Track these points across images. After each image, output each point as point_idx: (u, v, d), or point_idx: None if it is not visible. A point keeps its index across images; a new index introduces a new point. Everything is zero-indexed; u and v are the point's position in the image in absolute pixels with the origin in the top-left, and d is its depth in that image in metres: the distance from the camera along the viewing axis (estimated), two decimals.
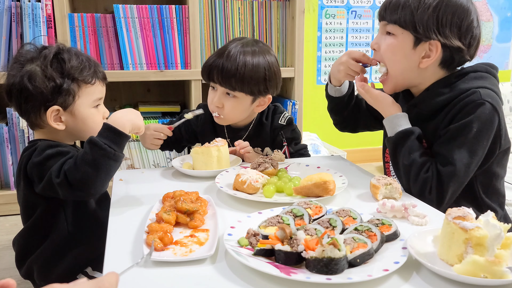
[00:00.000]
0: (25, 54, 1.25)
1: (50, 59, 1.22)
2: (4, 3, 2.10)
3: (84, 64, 1.25)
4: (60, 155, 1.17)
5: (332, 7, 2.86)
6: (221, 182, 1.22)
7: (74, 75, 1.23)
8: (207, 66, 1.51)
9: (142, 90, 2.64)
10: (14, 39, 2.14)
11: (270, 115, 1.64)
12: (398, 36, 1.24)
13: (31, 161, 1.18)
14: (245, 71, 1.46)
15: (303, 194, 1.15)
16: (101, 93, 1.31)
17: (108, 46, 2.27)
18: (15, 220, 2.23)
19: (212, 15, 2.40)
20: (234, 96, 1.50)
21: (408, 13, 1.20)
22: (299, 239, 0.80)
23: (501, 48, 3.23)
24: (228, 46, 1.51)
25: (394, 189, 1.15)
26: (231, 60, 1.46)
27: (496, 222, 0.78)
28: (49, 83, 1.20)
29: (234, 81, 1.47)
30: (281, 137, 1.61)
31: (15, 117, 2.19)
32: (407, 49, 1.24)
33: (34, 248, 1.24)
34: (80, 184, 1.08)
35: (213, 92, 1.54)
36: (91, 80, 1.26)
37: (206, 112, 1.61)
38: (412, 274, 0.79)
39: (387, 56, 1.28)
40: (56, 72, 1.21)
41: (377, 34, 1.33)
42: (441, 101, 1.24)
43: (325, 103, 1.56)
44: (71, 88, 1.23)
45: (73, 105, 1.24)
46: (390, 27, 1.25)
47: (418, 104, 1.30)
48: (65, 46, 1.30)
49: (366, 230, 0.87)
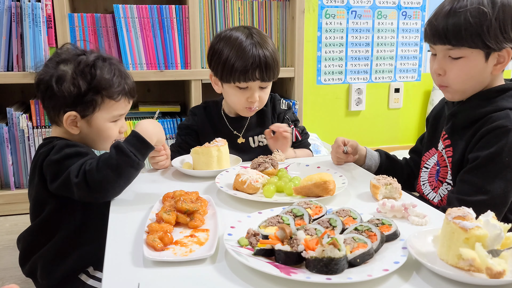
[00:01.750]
0: (63, 54, 1.27)
1: (82, 67, 1.23)
2: (4, 3, 2.09)
3: (114, 81, 1.25)
4: (79, 155, 1.18)
5: (332, 7, 2.86)
6: (221, 182, 1.22)
7: (101, 89, 1.23)
8: (250, 64, 1.47)
9: (142, 90, 2.64)
10: (14, 39, 2.14)
11: (270, 102, 1.68)
12: (468, 57, 1.21)
13: (48, 158, 1.19)
14: (276, 58, 1.52)
15: (303, 194, 1.15)
16: (124, 109, 1.31)
17: (108, 46, 2.27)
18: (15, 220, 2.22)
19: (212, 15, 2.40)
20: (267, 86, 1.55)
21: (474, 33, 1.17)
22: (299, 239, 0.80)
23: None
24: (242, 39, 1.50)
25: (394, 189, 1.15)
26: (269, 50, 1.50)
27: (496, 222, 0.78)
28: (74, 89, 1.21)
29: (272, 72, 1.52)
30: (287, 121, 1.66)
31: (15, 117, 2.19)
32: (481, 65, 1.22)
33: (40, 246, 1.24)
34: (98, 187, 1.09)
35: (245, 91, 1.53)
36: (117, 97, 1.26)
37: (204, 108, 1.66)
38: (412, 274, 0.79)
39: (460, 78, 1.25)
40: (84, 81, 1.22)
41: (435, 59, 1.29)
42: (476, 115, 1.24)
43: (325, 103, 1.57)
44: (94, 100, 1.23)
45: (91, 115, 1.25)
46: (456, 51, 1.21)
47: (456, 114, 1.30)
48: (104, 55, 1.29)
49: (366, 230, 0.87)
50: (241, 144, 1.65)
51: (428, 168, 1.42)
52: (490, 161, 1.17)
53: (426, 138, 1.50)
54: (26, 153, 2.24)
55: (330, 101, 2.95)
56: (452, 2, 1.22)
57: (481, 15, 1.17)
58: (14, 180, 2.26)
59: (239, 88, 1.52)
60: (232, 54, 1.48)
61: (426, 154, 1.44)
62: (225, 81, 1.52)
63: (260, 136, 1.66)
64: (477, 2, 1.18)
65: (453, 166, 1.29)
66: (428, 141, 1.47)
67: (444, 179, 1.34)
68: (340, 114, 3.01)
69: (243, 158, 1.52)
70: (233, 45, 1.49)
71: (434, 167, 1.39)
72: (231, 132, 1.65)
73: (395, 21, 2.99)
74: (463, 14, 1.18)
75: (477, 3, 1.18)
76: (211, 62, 1.56)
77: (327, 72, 2.93)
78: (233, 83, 1.50)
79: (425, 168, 1.43)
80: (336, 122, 3.01)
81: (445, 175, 1.33)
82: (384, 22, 2.98)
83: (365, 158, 1.51)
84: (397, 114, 3.15)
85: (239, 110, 1.60)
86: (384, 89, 3.09)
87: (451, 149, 1.31)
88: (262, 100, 1.57)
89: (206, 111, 1.67)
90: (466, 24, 1.17)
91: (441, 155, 1.36)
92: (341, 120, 3.02)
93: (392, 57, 3.06)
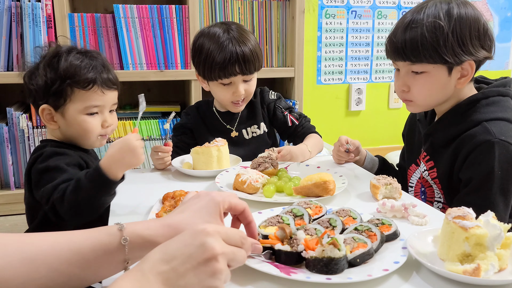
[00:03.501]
0: (40, 53, 1.26)
1: (49, 58, 1.21)
2: (4, 3, 2.09)
3: (82, 68, 1.20)
4: (58, 171, 1.14)
5: (332, 7, 2.86)
6: (221, 182, 1.22)
7: (67, 77, 1.19)
8: (228, 59, 1.49)
9: (142, 90, 2.63)
10: (14, 39, 2.14)
11: (258, 94, 1.71)
12: (430, 72, 1.19)
13: (34, 166, 1.18)
14: (255, 50, 1.54)
15: (303, 194, 1.15)
16: (99, 101, 1.24)
17: (108, 46, 2.27)
18: (15, 220, 2.22)
19: (212, 15, 2.40)
20: (251, 79, 1.58)
21: (431, 48, 1.15)
22: (299, 239, 0.80)
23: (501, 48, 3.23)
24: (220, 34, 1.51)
25: (394, 189, 1.15)
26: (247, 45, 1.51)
27: (496, 222, 0.78)
28: (42, 81, 1.19)
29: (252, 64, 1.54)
30: (279, 109, 1.69)
31: (15, 117, 2.19)
32: (443, 80, 1.20)
33: None
34: (67, 215, 1.08)
35: (230, 87, 1.55)
36: (87, 86, 1.21)
37: (196, 108, 1.70)
38: (412, 274, 0.79)
39: (423, 94, 1.23)
40: (50, 71, 1.19)
41: (399, 74, 1.27)
42: (453, 133, 1.22)
43: (325, 103, 1.58)
44: (63, 90, 1.19)
45: (64, 107, 1.22)
46: (418, 66, 1.20)
47: (433, 133, 1.29)
48: (81, 49, 1.26)
49: (366, 230, 0.87)
50: (235, 138, 1.67)
51: (412, 187, 1.42)
52: (485, 180, 1.15)
53: (406, 154, 1.50)
54: (26, 153, 2.24)
55: (330, 101, 2.95)
56: (411, 14, 1.20)
57: (437, 29, 1.14)
58: (14, 180, 2.26)
59: (223, 84, 1.54)
60: (211, 51, 1.50)
61: (409, 171, 1.44)
62: (209, 79, 1.55)
63: (252, 127, 1.69)
64: (433, 15, 1.16)
65: (442, 185, 1.28)
66: (408, 158, 1.48)
67: (433, 198, 1.33)
68: (340, 114, 3.01)
69: (239, 151, 1.55)
70: (211, 41, 1.51)
71: (418, 185, 1.39)
72: (224, 127, 1.67)
73: (395, 21, 2.98)
74: (420, 29, 1.16)
75: (433, 16, 1.16)
76: (194, 61, 1.59)
77: (327, 72, 2.93)
78: (215, 80, 1.53)
79: (410, 187, 1.43)
80: (336, 122, 3.01)
81: (433, 195, 1.33)
82: (384, 22, 2.98)
83: (364, 160, 1.51)
84: (397, 114, 3.15)
85: (227, 106, 1.63)
86: (384, 89, 3.09)
87: (435, 170, 1.30)
88: (248, 92, 1.59)
89: (199, 110, 1.71)
90: (422, 39, 1.15)
91: (423, 176, 1.35)
92: (341, 120, 3.02)
93: None
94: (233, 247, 0.65)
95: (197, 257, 0.60)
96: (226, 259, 0.62)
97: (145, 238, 0.71)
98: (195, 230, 0.63)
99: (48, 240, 0.69)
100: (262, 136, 1.69)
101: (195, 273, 0.60)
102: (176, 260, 0.60)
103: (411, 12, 1.21)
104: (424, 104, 1.27)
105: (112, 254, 0.69)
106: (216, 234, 0.63)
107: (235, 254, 0.64)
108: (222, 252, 0.62)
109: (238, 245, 0.66)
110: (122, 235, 0.70)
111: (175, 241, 0.63)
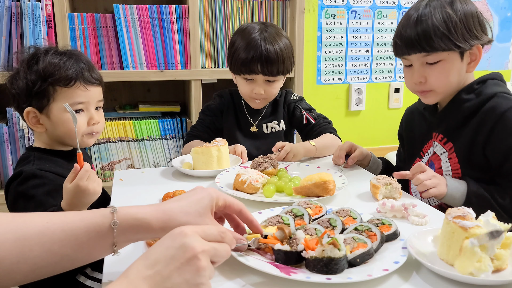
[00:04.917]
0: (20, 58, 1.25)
1: (28, 59, 1.20)
2: (4, 3, 2.09)
3: (61, 65, 1.19)
4: (30, 199, 1.12)
5: (332, 7, 2.86)
6: (221, 182, 1.22)
7: (47, 76, 1.18)
8: (251, 57, 1.54)
9: (142, 90, 2.64)
10: (14, 39, 2.14)
11: (283, 95, 1.79)
12: (445, 59, 1.26)
13: (13, 184, 1.17)
14: (282, 54, 1.58)
15: (303, 194, 1.15)
16: (83, 97, 1.23)
17: (108, 46, 2.27)
18: None
19: (212, 15, 2.39)
20: (275, 80, 1.62)
21: (444, 36, 1.23)
22: (298, 239, 0.80)
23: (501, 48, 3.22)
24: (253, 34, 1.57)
25: (394, 189, 1.15)
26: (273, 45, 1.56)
27: (496, 222, 0.78)
28: (23, 84, 1.18)
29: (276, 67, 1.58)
30: (298, 109, 1.76)
31: (15, 117, 2.19)
32: (458, 65, 1.27)
33: None
34: None
35: (251, 83, 1.61)
36: (68, 83, 1.20)
37: (229, 93, 1.78)
38: (412, 274, 0.79)
39: (442, 81, 1.29)
40: (30, 72, 1.19)
41: (411, 69, 1.32)
42: (469, 107, 1.28)
43: (325, 103, 1.59)
44: (45, 90, 1.18)
45: (48, 107, 1.21)
46: (433, 56, 1.26)
47: (447, 115, 1.33)
48: (52, 47, 1.25)
49: (366, 230, 0.87)
50: (254, 132, 1.75)
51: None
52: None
53: (407, 152, 1.52)
54: None
55: (330, 101, 2.95)
56: (416, 10, 1.27)
57: (446, 19, 1.23)
58: None
59: (245, 79, 1.61)
60: (240, 46, 1.58)
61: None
62: (233, 72, 1.64)
63: (273, 122, 1.76)
64: (439, 6, 1.25)
65: (462, 164, 1.30)
66: (409, 155, 1.50)
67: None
68: (340, 114, 3.01)
69: (256, 144, 1.66)
70: (243, 37, 1.59)
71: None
72: (247, 119, 1.75)
73: (395, 21, 2.98)
74: (430, 21, 1.23)
75: (439, 7, 1.24)
76: (227, 53, 1.67)
77: (327, 72, 2.93)
78: (238, 74, 1.61)
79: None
80: (336, 122, 2.98)
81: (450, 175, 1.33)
82: (384, 22, 2.98)
83: (369, 162, 1.51)
84: (397, 114, 3.15)
85: (247, 100, 1.71)
86: (384, 89, 3.09)
87: (453, 150, 1.32)
88: (268, 94, 1.64)
89: (232, 96, 1.78)
90: (434, 30, 1.23)
91: (438, 158, 1.36)
92: (341, 120, 3.02)
93: (392, 57, 3.05)
94: (214, 243, 0.66)
95: (179, 258, 0.62)
96: (207, 256, 0.64)
97: (139, 219, 0.73)
98: (173, 233, 0.65)
99: (42, 220, 0.70)
100: (280, 133, 1.77)
101: (180, 274, 0.62)
102: (160, 264, 0.62)
103: (414, 9, 1.29)
104: (443, 91, 1.32)
105: (104, 236, 0.71)
106: (193, 233, 0.65)
107: (217, 250, 0.66)
108: (202, 250, 0.63)
109: (218, 240, 0.68)
110: (113, 218, 0.71)
111: (156, 247, 0.65)
